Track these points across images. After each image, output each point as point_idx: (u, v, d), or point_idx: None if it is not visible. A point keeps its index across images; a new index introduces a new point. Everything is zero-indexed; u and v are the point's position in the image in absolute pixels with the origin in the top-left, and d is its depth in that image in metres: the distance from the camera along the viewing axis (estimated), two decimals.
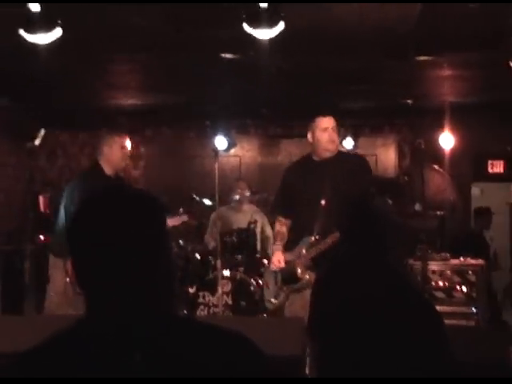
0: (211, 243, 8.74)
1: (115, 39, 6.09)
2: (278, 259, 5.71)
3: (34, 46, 5.26)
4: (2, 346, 4.95)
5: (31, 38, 5.06)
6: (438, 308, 7.07)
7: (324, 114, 5.85)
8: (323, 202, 5.43)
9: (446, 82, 8.13)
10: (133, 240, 1.55)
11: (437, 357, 1.80)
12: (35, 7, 4.88)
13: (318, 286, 2.80)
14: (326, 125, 5.76)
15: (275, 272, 5.77)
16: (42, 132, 9.64)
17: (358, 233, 3.36)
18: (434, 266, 7.79)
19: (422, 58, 6.91)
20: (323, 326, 2.95)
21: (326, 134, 5.72)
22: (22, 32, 5.03)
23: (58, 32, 5.03)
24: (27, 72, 7.26)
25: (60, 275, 6.30)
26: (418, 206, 7.82)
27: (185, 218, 6.80)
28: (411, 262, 7.32)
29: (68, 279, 6.16)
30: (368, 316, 2.85)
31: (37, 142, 9.69)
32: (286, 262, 5.66)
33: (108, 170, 6.45)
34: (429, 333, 2.69)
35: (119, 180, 6.60)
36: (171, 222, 6.73)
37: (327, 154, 5.69)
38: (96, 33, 5.76)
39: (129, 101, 9.51)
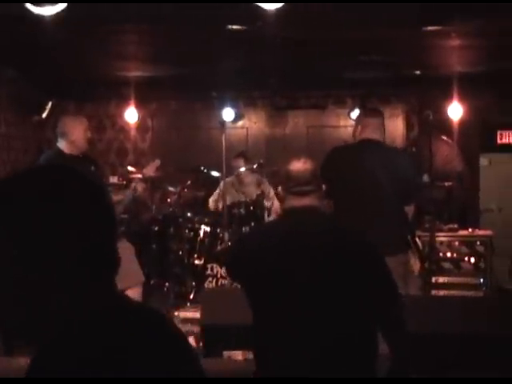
0: (213, 207, 8.79)
1: (122, 10, 6.05)
2: None
3: (39, 18, 5.24)
4: None
5: (37, 9, 5.04)
6: (447, 279, 7.12)
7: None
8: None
9: (454, 51, 8.07)
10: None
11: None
12: None
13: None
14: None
15: None
16: (49, 104, 9.65)
17: None
18: (442, 237, 7.79)
19: (430, 27, 6.86)
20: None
21: None
22: (27, 4, 5.01)
23: (63, 3, 5.01)
24: (34, 44, 7.24)
25: None
26: (425, 177, 7.80)
27: (157, 162, 6.76)
28: (419, 233, 7.31)
29: None
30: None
31: (44, 114, 9.70)
32: None
33: (70, 151, 6.45)
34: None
35: (85, 158, 6.59)
36: (147, 171, 6.72)
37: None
38: (102, 3, 5.72)
39: (135, 72, 9.47)
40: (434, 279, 7.22)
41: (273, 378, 3.11)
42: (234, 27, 6.81)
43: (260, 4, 5.27)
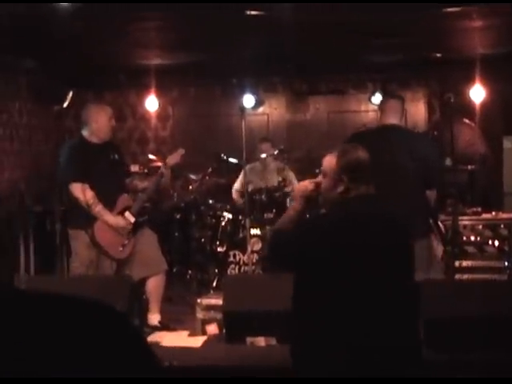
0: (237, 198, 8.77)
1: None
2: None
3: (59, 7, 5.24)
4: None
5: None
6: (470, 263, 7.06)
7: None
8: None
9: (475, 33, 7.97)
10: None
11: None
12: None
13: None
14: None
15: None
16: (70, 94, 9.66)
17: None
18: (465, 220, 7.73)
19: (451, 8, 6.78)
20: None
21: None
22: None
23: None
24: (53, 34, 7.25)
25: (83, 247, 6.35)
26: (448, 161, 7.75)
27: (182, 151, 6.76)
28: (442, 217, 7.26)
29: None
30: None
31: (64, 104, 9.72)
32: None
33: (94, 139, 6.47)
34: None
35: (109, 146, 6.62)
36: (171, 160, 6.71)
37: None
38: None
39: (155, 60, 9.47)
40: (457, 263, 7.18)
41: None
42: (253, 13, 6.78)
43: None
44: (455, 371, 4.31)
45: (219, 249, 8.32)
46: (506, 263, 7.63)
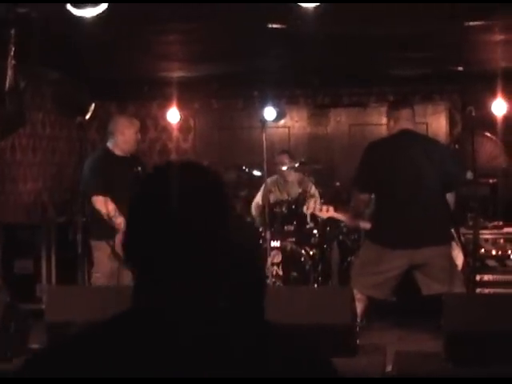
0: (256, 215, 8.72)
1: (162, 10, 6.08)
2: None
3: (82, 19, 5.29)
4: (57, 315, 5.05)
5: (78, 11, 5.09)
6: (491, 277, 7.04)
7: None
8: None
9: (497, 46, 7.96)
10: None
11: None
12: None
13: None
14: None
15: None
16: (93, 106, 9.73)
17: None
18: (486, 234, 7.70)
19: (473, 22, 6.78)
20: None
21: None
22: (69, 6, 5.06)
23: (104, 5, 5.05)
24: (77, 46, 7.31)
25: (105, 257, 6.40)
26: (469, 174, 7.72)
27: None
28: (463, 230, 7.24)
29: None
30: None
31: (87, 115, 9.78)
32: None
33: (118, 152, 6.52)
34: None
35: (133, 159, 6.67)
36: None
37: None
38: (142, 3, 5.75)
39: (177, 72, 9.52)
40: (478, 277, 7.15)
41: None
42: (275, 26, 6.81)
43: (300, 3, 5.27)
44: None
45: None
46: None
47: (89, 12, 5.06)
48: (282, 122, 10.62)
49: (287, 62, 8.56)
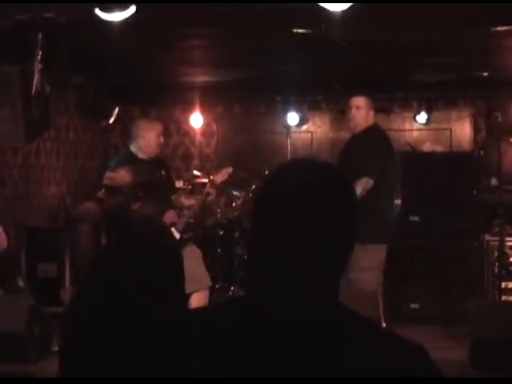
0: None
1: (188, 15, 6.10)
2: None
3: (107, 24, 5.32)
4: None
5: (106, 15, 5.11)
6: None
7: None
8: None
9: None
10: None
11: None
12: None
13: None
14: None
15: None
16: (116, 110, 9.78)
17: None
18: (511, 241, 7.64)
19: (498, 27, 6.74)
20: None
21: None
22: (97, 10, 5.09)
23: (131, 9, 5.07)
24: (101, 50, 7.35)
25: None
26: (494, 181, 7.68)
27: (230, 169, 6.85)
28: (488, 237, 7.19)
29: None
30: None
31: (111, 119, 9.84)
32: None
33: (142, 155, 6.53)
34: None
35: (157, 162, 6.68)
36: (218, 178, 6.77)
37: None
38: (167, 8, 5.77)
39: (200, 77, 9.54)
40: (503, 284, 7.10)
41: None
42: (299, 30, 6.81)
43: (324, 5, 5.25)
44: None
45: None
46: None
47: (116, 16, 5.08)
48: (304, 127, 10.64)
49: (310, 67, 8.55)
